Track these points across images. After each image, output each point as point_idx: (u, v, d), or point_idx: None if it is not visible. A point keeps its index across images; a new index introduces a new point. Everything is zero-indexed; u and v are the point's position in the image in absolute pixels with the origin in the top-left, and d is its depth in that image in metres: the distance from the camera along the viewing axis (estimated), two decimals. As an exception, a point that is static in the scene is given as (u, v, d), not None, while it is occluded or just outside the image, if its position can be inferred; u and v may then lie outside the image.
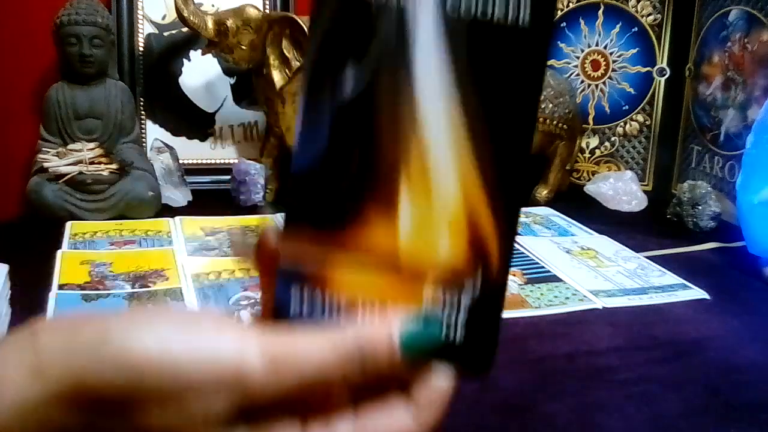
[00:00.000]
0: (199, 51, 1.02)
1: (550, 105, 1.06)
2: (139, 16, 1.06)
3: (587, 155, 1.19)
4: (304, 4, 1.10)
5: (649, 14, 1.13)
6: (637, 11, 1.14)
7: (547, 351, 0.58)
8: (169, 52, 1.08)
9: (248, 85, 1.05)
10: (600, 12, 1.15)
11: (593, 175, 1.18)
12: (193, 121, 1.09)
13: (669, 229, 0.97)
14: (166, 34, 1.07)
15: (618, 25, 1.14)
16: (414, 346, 0.24)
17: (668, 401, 0.51)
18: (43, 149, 0.91)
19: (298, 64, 0.93)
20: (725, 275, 0.80)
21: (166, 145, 1.01)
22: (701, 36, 1.08)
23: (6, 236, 0.81)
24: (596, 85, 1.17)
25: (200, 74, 1.08)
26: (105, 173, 0.89)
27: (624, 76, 1.16)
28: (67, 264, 0.71)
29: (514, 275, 0.74)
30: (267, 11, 1.07)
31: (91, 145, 0.92)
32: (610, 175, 1.12)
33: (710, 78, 1.06)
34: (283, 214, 0.26)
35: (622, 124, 1.17)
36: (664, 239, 0.91)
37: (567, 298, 0.70)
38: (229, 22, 0.93)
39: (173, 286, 0.68)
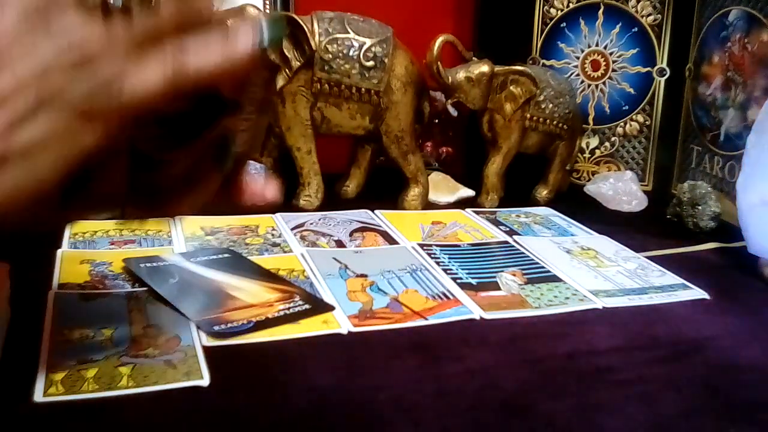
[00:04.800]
0: (199, 51, 1.02)
1: (550, 105, 1.06)
2: (139, 16, 1.06)
3: (587, 155, 1.19)
4: (304, 4, 1.10)
5: (649, 14, 1.14)
6: (637, 11, 1.14)
7: (547, 351, 0.58)
8: (169, 52, 1.07)
9: (248, 85, 1.05)
10: (600, 12, 1.15)
11: (593, 175, 1.18)
12: (193, 121, 1.09)
13: (669, 229, 0.97)
14: (166, 33, 1.07)
15: (618, 25, 1.15)
16: None
17: (668, 401, 0.51)
18: (43, 149, 0.91)
19: (298, 64, 0.93)
20: (725, 275, 0.80)
21: (166, 145, 1.01)
22: (701, 36, 1.08)
23: (6, 236, 0.81)
24: (596, 85, 1.17)
25: (200, 74, 1.08)
26: (105, 173, 0.89)
27: (624, 77, 1.16)
28: (67, 263, 0.71)
29: (515, 275, 0.74)
30: (267, 11, 1.07)
31: (91, 144, 0.92)
32: (610, 175, 1.13)
33: (710, 78, 1.06)
34: None
35: (622, 124, 1.17)
36: (664, 239, 0.91)
37: (567, 298, 0.70)
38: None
39: (173, 285, 0.67)
